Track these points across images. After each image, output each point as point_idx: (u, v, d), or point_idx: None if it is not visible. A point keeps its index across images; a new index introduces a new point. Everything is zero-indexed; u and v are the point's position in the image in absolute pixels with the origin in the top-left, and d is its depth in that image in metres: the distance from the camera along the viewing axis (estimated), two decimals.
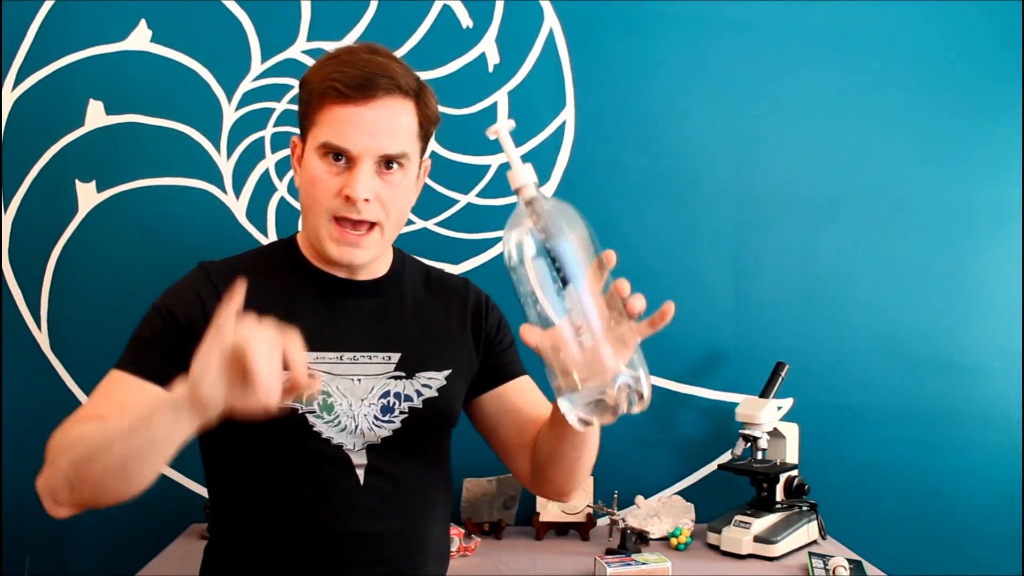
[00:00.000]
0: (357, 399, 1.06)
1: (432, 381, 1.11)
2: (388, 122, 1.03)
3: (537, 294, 0.81)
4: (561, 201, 0.84)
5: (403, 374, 1.10)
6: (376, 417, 1.07)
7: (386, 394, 1.08)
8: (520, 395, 1.21)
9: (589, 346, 0.80)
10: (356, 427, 1.06)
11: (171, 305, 1.05)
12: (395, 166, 1.05)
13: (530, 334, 0.82)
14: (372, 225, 1.05)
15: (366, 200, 1.02)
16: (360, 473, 1.06)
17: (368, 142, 1.02)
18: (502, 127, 0.89)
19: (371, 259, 1.09)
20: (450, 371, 1.13)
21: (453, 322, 1.18)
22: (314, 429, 1.04)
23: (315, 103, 1.04)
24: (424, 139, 1.10)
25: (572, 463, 1.09)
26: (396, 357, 1.10)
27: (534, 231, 0.81)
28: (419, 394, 1.10)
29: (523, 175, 0.84)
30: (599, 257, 0.83)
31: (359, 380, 1.07)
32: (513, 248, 0.82)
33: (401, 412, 1.08)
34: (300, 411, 1.03)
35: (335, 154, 1.03)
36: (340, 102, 1.01)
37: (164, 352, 1.02)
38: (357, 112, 1.02)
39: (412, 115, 1.06)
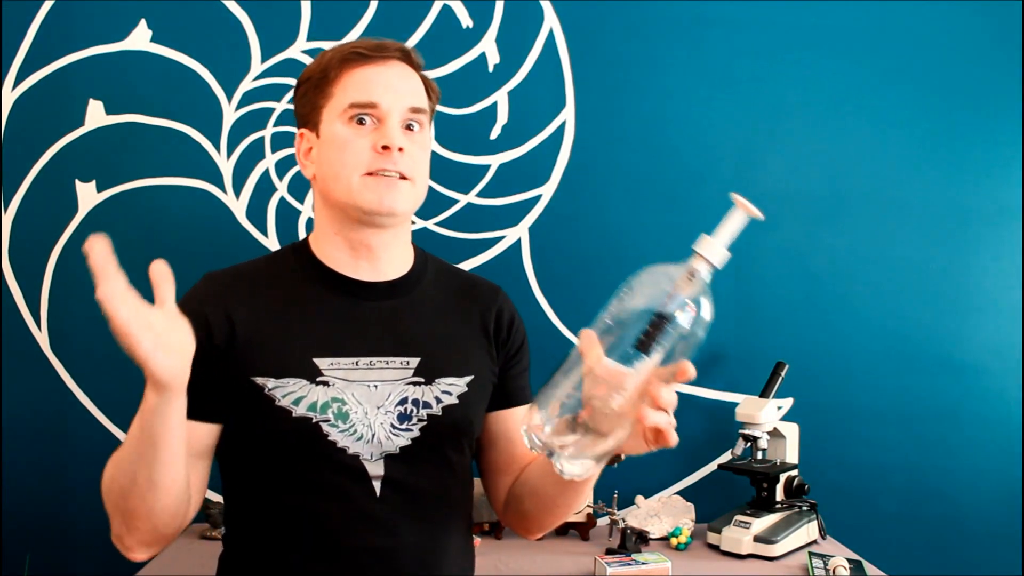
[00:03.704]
0: (373, 406, 1.02)
1: (452, 387, 1.07)
2: (407, 80, 1.07)
3: (620, 327, 0.84)
4: (711, 302, 0.86)
5: (422, 380, 1.05)
6: (393, 425, 1.03)
7: (403, 401, 1.04)
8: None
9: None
10: (373, 436, 1.02)
11: None
12: (416, 126, 1.07)
13: (587, 339, 0.83)
14: (403, 178, 1.04)
15: (400, 150, 1.03)
16: (376, 485, 1.02)
17: (395, 96, 1.05)
18: (747, 205, 0.91)
19: (407, 211, 1.06)
20: (472, 377, 1.09)
21: (477, 329, 1.13)
22: (329, 438, 1.00)
23: (332, 76, 1.05)
24: (431, 111, 1.12)
25: (552, 502, 1.08)
26: (415, 362, 1.05)
27: (673, 296, 0.84)
28: (438, 401, 1.05)
29: (718, 256, 0.90)
30: (681, 365, 0.83)
31: (375, 386, 1.03)
32: (648, 282, 0.86)
33: (419, 420, 1.04)
34: (314, 420, 1.00)
35: (360, 117, 1.04)
36: (361, 64, 1.05)
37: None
38: (380, 70, 1.05)
39: (421, 84, 1.10)
